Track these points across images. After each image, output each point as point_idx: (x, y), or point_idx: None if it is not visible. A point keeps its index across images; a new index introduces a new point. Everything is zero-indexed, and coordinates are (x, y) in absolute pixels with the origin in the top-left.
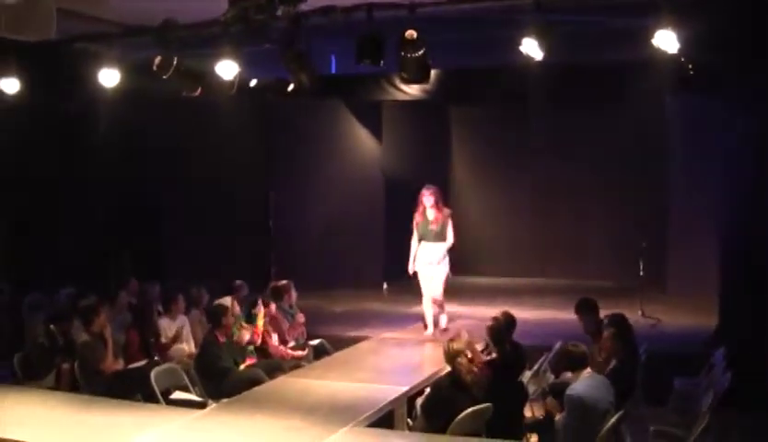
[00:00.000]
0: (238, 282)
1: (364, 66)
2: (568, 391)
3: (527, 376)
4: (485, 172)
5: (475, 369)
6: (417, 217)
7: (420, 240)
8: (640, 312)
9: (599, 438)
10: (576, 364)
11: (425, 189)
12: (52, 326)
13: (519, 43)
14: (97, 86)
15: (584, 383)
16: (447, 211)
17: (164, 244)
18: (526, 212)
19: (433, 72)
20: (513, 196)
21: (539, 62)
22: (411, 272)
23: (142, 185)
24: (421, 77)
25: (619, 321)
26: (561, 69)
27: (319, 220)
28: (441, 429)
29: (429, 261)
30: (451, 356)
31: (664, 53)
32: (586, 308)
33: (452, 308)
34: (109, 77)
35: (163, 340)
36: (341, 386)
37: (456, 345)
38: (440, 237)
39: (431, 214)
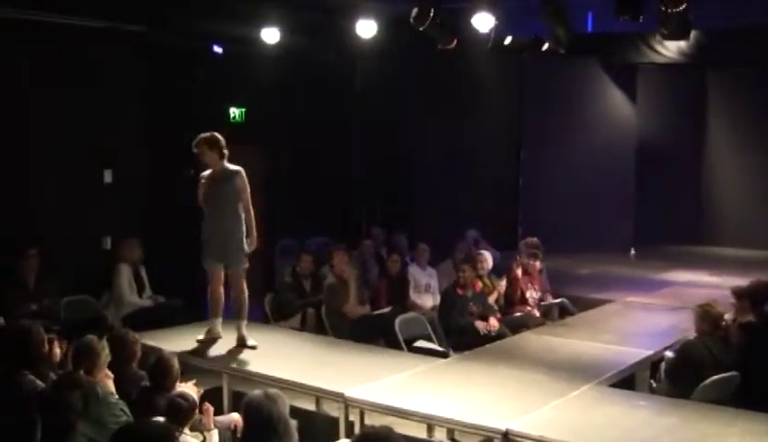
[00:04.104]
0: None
1: (621, 25)
2: None
3: None
4: (743, 141)
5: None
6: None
7: None
8: None
9: None
10: None
11: None
12: (297, 268)
13: None
14: (354, 37)
15: None
16: None
17: (414, 199)
18: None
19: (692, 34)
20: None
21: None
22: None
23: (394, 138)
24: (681, 34)
25: None
26: None
27: (568, 180)
28: (685, 394)
29: None
30: (714, 318)
31: None
32: None
33: (701, 277)
34: (366, 28)
35: (412, 289)
36: (584, 345)
37: (718, 309)
38: None
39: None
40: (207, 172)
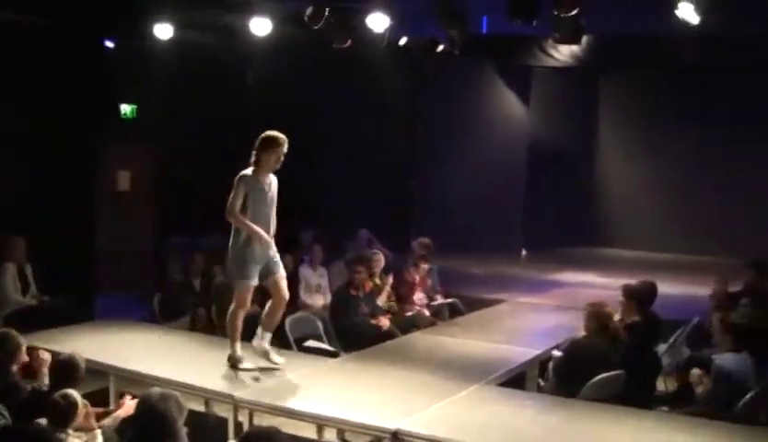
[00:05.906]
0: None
1: (515, 28)
2: (719, 361)
3: (661, 349)
4: (633, 144)
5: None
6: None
7: None
8: None
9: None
10: (741, 341)
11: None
12: (188, 267)
13: (675, 7)
14: (248, 34)
15: (734, 358)
16: None
17: (307, 198)
18: (671, 185)
19: (584, 38)
20: (659, 168)
21: (694, 28)
22: None
23: (289, 137)
24: (574, 38)
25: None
26: (716, 36)
27: (461, 180)
28: (572, 393)
29: None
30: (603, 317)
31: None
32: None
33: (591, 278)
34: (260, 26)
35: (302, 289)
36: (474, 345)
37: (608, 309)
38: None
39: None
40: (249, 173)
